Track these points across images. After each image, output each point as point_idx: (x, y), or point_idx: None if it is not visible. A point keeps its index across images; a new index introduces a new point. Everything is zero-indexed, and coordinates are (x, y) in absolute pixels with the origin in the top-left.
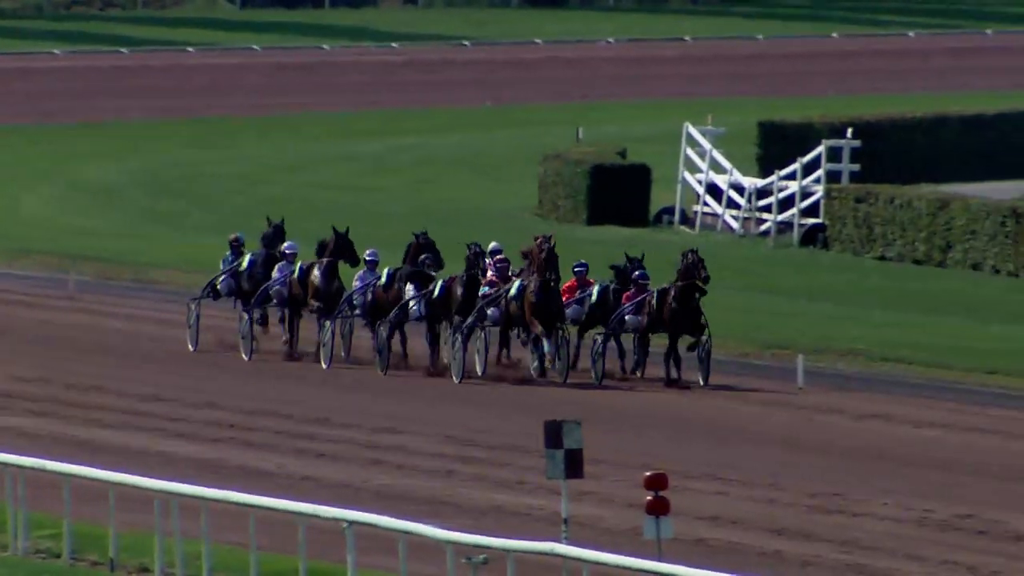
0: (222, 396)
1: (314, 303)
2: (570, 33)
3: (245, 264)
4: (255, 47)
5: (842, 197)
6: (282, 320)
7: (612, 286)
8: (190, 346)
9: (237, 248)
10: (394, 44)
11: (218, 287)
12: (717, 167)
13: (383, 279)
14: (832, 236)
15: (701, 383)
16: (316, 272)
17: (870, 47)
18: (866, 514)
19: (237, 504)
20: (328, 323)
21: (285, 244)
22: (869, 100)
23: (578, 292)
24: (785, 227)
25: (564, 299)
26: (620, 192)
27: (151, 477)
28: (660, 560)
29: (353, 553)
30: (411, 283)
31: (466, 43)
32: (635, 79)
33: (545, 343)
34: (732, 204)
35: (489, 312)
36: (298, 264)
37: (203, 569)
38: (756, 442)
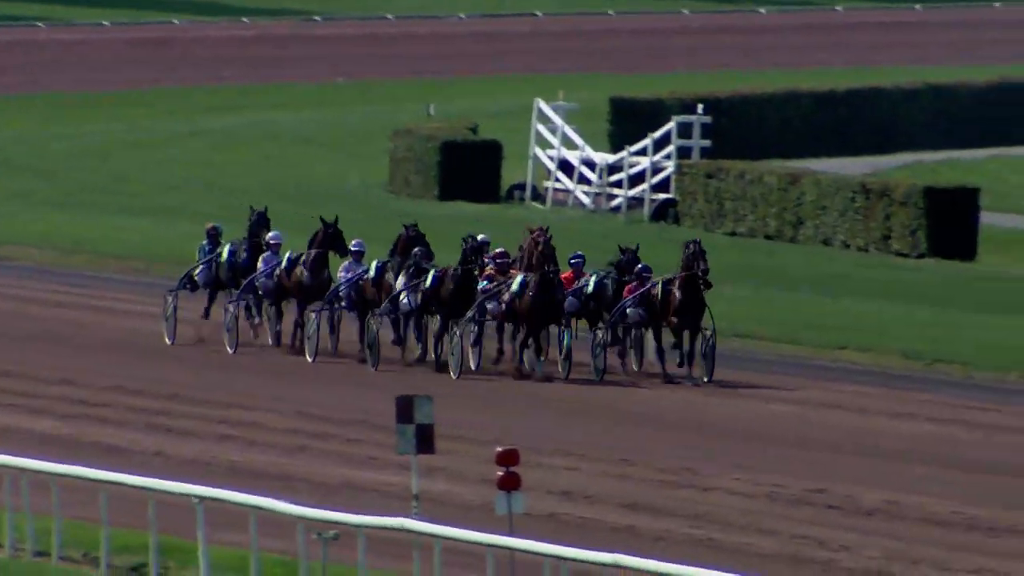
0: (78, 373)
1: (301, 297)
2: (422, 8)
3: (225, 254)
4: (104, 22)
5: (693, 173)
6: (259, 312)
7: (609, 277)
8: (167, 339)
9: (214, 237)
10: (245, 19)
11: (195, 278)
12: (569, 143)
13: (372, 272)
14: (683, 211)
15: (705, 379)
16: (302, 265)
17: (721, 23)
18: (718, 489)
19: (88, 480)
20: (313, 316)
21: (269, 234)
22: (720, 76)
23: (575, 284)
24: (636, 203)
25: None
26: (471, 168)
27: (1, 453)
28: (511, 535)
29: (204, 529)
30: (404, 275)
31: (317, 18)
32: (487, 55)
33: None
34: (583, 180)
35: (489, 307)
36: (285, 255)
37: (53, 545)
38: (609, 418)
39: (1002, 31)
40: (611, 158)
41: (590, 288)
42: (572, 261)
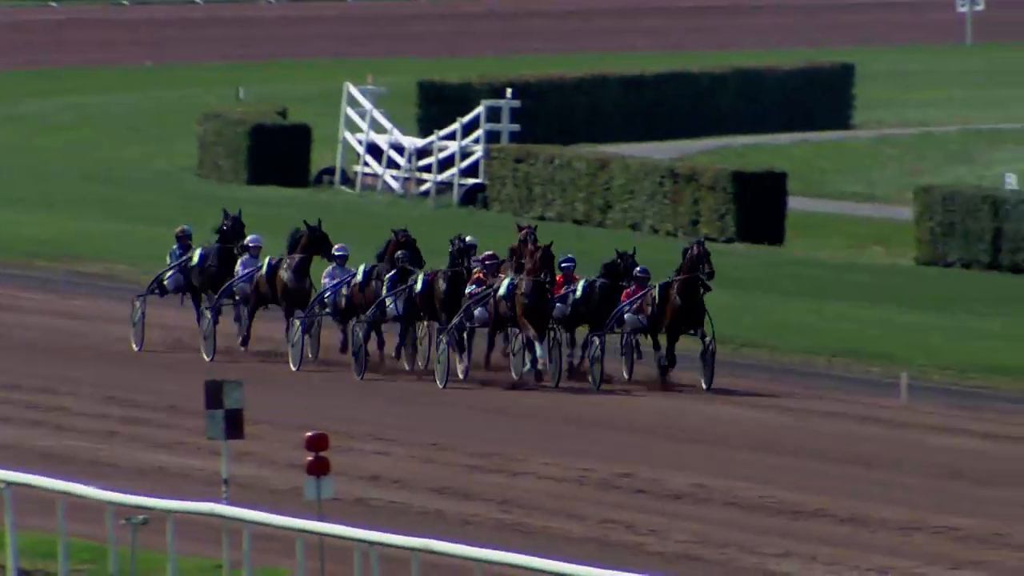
0: None
1: (284, 303)
2: None
3: (196, 259)
4: None
5: (502, 157)
6: (237, 318)
7: (599, 282)
8: (134, 345)
9: (184, 241)
10: (53, 3)
11: (165, 283)
12: (378, 127)
13: (359, 277)
14: (492, 196)
15: (704, 386)
16: (285, 269)
17: (530, 7)
18: (527, 473)
19: None
20: (298, 323)
21: (249, 237)
22: (529, 60)
23: (564, 288)
24: (445, 187)
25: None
26: (280, 152)
27: None
28: (321, 520)
29: (11, 514)
30: (389, 281)
31: (126, 2)
32: (296, 39)
33: (538, 347)
34: (392, 164)
35: (476, 312)
36: (266, 259)
37: None
38: (419, 403)
39: (807, 16)
40: (420, 142)
41: (579, 293)
42: (563, 265)
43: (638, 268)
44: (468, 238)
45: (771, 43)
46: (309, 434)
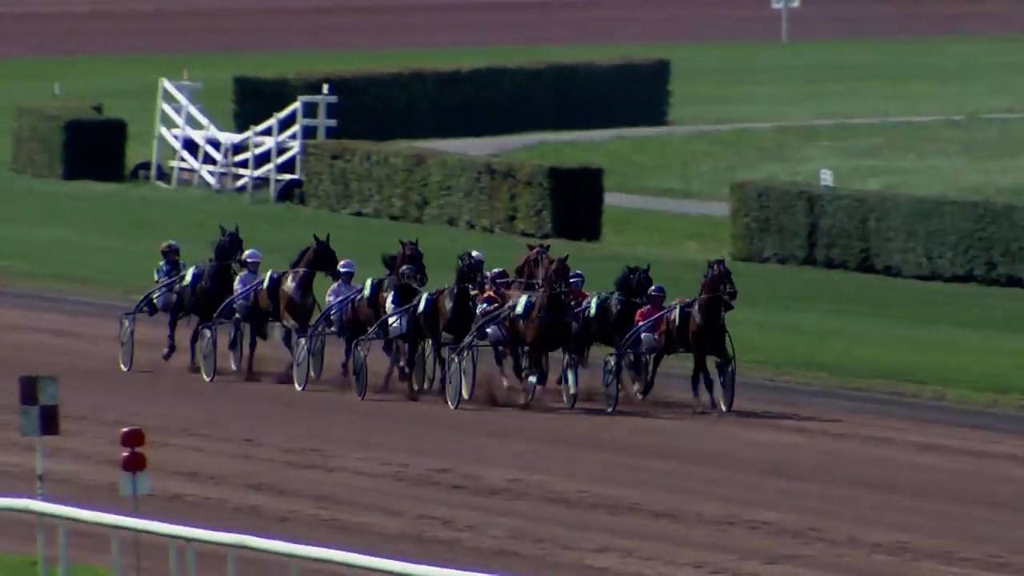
0: None
1: (289, 320)
2: None
3: (189, 277)
4: None
5: (318, 153)
6: (233, 346)
7: (614, 298)
8: (123, 365)
9: (171, 257)
10: None
11: (155, 301)
12: (194, 122)
13: (367, 292)
14: (309, 192)
15: (724, 408)
16: (289, 283)
17: (345, 3)
18: (343, 469)
19: None
20: (303, 341)
21: (247, 252)
22: (346, 56)
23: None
24: (262, 183)
25: None
26: (96, 147)
27: None
28: (136, 516)
29: None
30: (393, 298)
31: None
32: (112, 34)
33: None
34: (209, 160)
35: (489, 331)
36: (267, 274)
37: None
38: (234, 398)
39: (621, 10)
40: (236, 138)
41: (592, 311)
42: (571, 281)
43: (653, 287)
44: (475, 254)
45: (586, 39)
46: (125, 430)
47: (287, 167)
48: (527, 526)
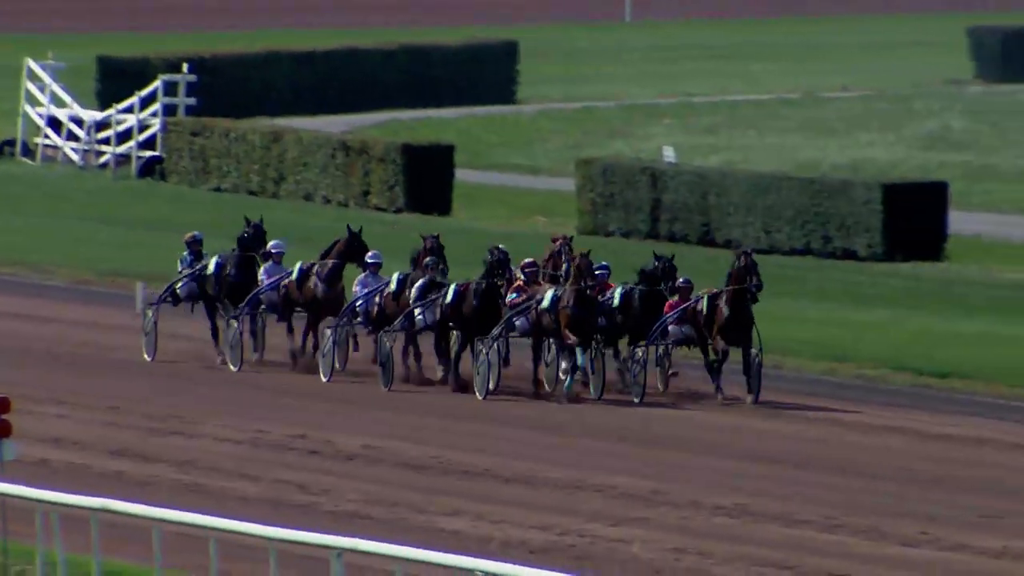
0: None
1: (318, 311)
2: None
3: (212, 267)
4: None
5: (179, 130)
6: (253, 332)
7: (638, 289)
8: (146, 355)
9: (195, 247)
10: None
11: (178, 291)
12: (58, 101)
13: (393, 285)
14: (169, 168)
15: (750, 401)
16: (317, 274)
17: None
18: (203, 436)
19: None
20: (329, 332)
21: (271, 243)
22: (205, 37)
23: (598, 297)
24: (124, 159)
25: None
26: None
27: None
28: (2, 481)
29: None
30: (416, 293)
31: None
32: None
33: (580, 357)
34: (72, 137)
35: (517, 323)
36: (296, 265)
37: None
38: (96, 366)
39: None
40: (99, 116)
41: (615, 301)
42: (598, 272)
43: (681, 279)
44: (501, 247)
45: (436, 20)
46: None
47: (148, 144)
48: (381, 490)
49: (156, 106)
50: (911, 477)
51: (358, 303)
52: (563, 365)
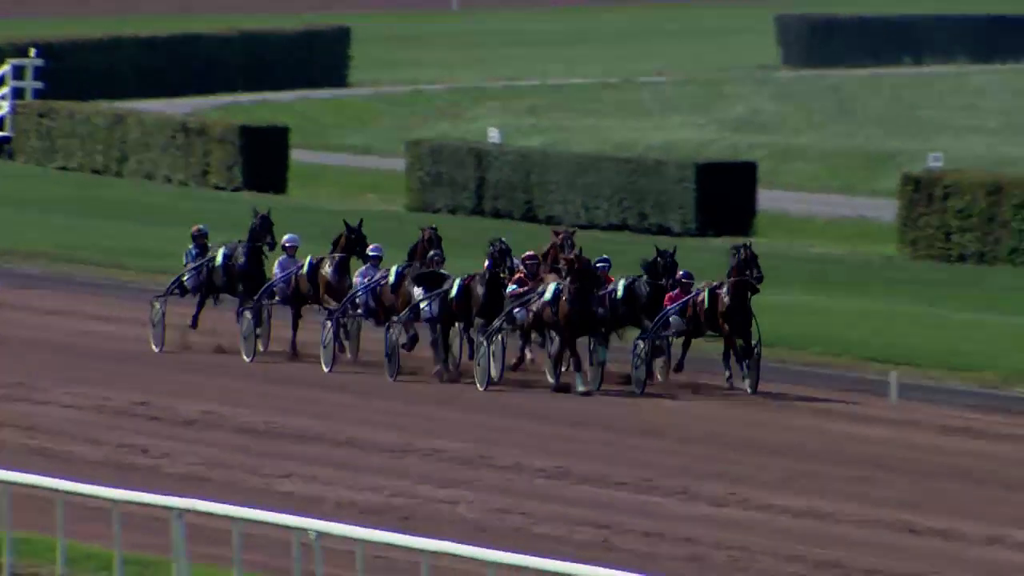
0: None
1: (330, 301)
2: None
3: (219, 259)
4: None
5: (27, 112)
6: (259, 323)
7: (640, 281)
8: (154, 347)
9: (201, 241)
10: None
11: (185, 283)
12: None
13: (391, 278)
14: (18, 148)
15: (749, 391)
16: (328, 268)
17: None
18: (49, 402)
19: None
20: (329, 323)
21: (285, 237)
22: (52, 23)
23: (600, 290)
24: None
25: None
26: None
27: None
28: None
29: None
30: (419, 286)
31: None
32: None
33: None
34: None
35: (517, 314)
36: (307, 258)
37: None
38: None
39: None
40: None
41: (619, 293)
42: (597, 265)
43: (681, 272)
44: (504, 239)
45: (273, 7)
46: None
47: None
48: (219, 454)
49: (5, 89)
50: (721, 440)
51: (358, 295)
52: (589, 361)
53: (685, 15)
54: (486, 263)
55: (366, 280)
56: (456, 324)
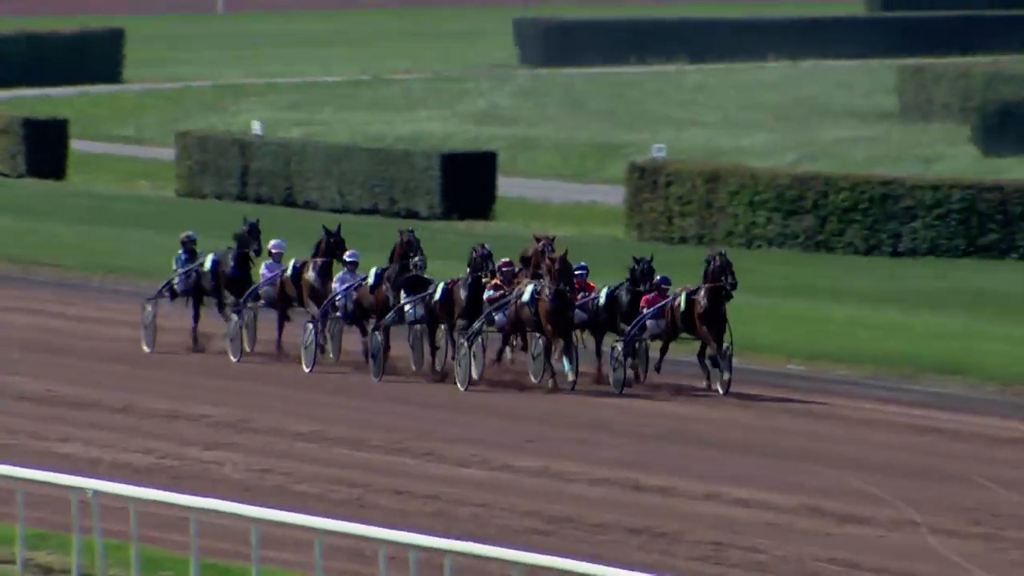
0: None
1: (311, 305)
2: None
3: (208, 264)
4: None
5: None
6: (244, 325)
7: (622, 288)
8: (145, 348)
9: (189, 247)
10: None
11: (175, 287)
12: None
13: (371, 280)
14: None
15: (721, 392)
16: (311, 272)
17: None
18: None
19: None
20: (311, 325)
21: (272, 243)
22: None
23: (580, 296)
24: None
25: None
26: None
27: None
28: None
29: None
30: (404, 291)
31: None
32: None
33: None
34: None
35: (496, 317)
36: (290, 262)
37: None
38: None
39: None
40: None
41: (602, 300)
42: (576, 272)
43: (659, 277)
44: (486, 245)
45: (52, 10)
46: None
47: None
48: (3, 419)
49: None
50: (463, 406)
51: (337, 299)
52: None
53: (429, 17)
54: (467, 268)
55: (344, 284)
56: (440, 326)
